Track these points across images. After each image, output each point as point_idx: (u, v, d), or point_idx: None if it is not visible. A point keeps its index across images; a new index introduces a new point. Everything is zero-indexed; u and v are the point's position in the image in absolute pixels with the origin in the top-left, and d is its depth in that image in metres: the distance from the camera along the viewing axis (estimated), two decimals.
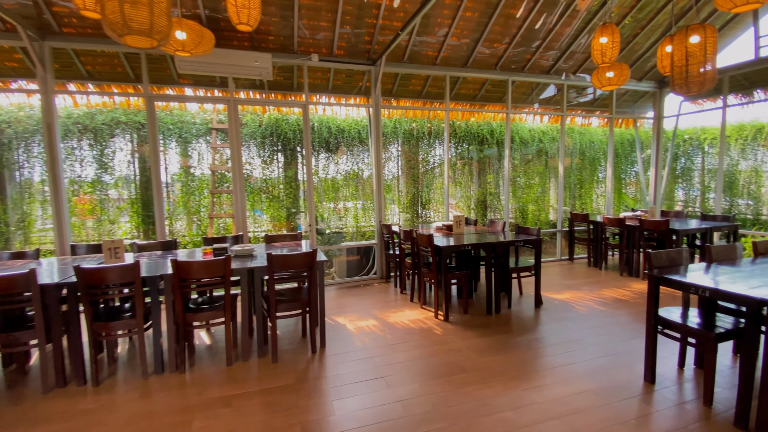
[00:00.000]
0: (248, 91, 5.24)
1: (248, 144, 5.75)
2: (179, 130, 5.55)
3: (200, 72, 4.38)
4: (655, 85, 6.97)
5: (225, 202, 5.66)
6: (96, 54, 4.47)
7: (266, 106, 5.57)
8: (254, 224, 5.93)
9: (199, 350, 3.21)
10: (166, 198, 5.54)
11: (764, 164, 7.59)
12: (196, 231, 5.72)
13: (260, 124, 5.84)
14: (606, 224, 5.66)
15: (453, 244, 3.75)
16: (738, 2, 2.67)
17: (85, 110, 5.11)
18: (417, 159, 6.74)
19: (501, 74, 5.86)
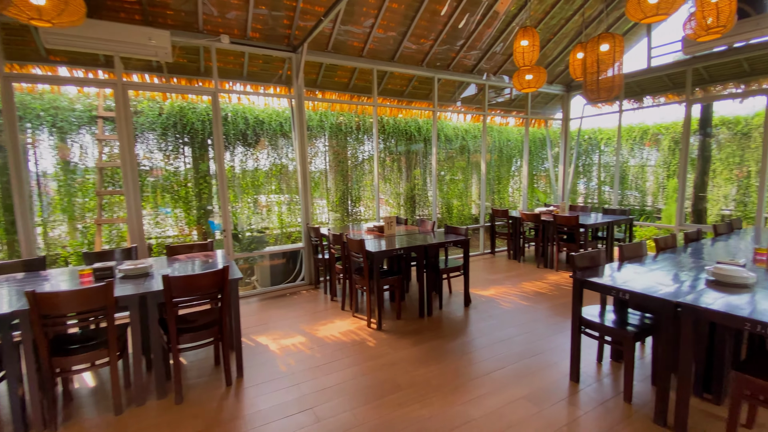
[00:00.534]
0: (143, 73, 4.43)
1: (145, 135, 4.91)
2: (52, 118, 4.52)
3: (75, 47, 3.54)
4: (563, 89, 7.55)
5: (119, 205, 4.78)
6: None
7: (165, 92, 4.78)
8: (158, 227, 5.13)
9: (80, 396, 2.58)
10: (38, 201, 4.51)
11: (649, 161, 8.74)
12: (81, 240, 4.76)
13: (161, 112, 5.02)
14: (523, 219, 5.98)
15: (385, 248, 3.56)
16: (648, 13, 2.83)
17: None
18: (345, 154, 6.45)
19: (427, 71, 5.81)
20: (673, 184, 8.03)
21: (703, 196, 7.43)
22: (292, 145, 5.54)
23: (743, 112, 7.18)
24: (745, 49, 5.17)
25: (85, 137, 4.66)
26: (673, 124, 8.25)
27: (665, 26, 6.64)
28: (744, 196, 7.20)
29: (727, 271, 2.34)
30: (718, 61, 5.55)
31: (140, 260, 3.11)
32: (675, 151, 8.19)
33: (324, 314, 3.98)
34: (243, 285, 4.98)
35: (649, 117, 9.13)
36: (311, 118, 6.00)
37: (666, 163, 8.36)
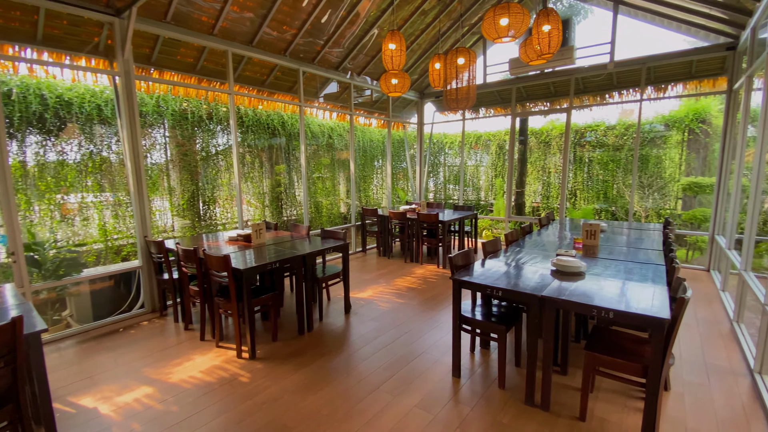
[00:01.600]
0: None
1: None
2: None
3: None
4: (418, 96, 8.15)
5: None
6: None
7: None
8: None
9: None
10: None
11: (482, 163, 10.26)
12: None
13: None
14: (392, 218, 6.21)
15: (256, 263, 3.08)
16: (501, 35, 3.15)
17: None
18: (194, 147, 5.46)
19: (291, 62, 5.38)
20: (500, 182, 9.67)
21: (522, 192, 9.16)
22: (117, 135, 4.34)
23: (544, 124, 9.12)
24: (552, 75, 6.50)
25: None
26: (498, 132, 9.93)
27: (496, 49, 7.82)
28: (546, 191, 9.17)
29: (564, 261, 2.80)
30: (533, 83, 6.84)
31: None
32: (500, 155, 9.87)
33: (178, 350, 3.23)
34: (49, 324, 3.66)
35: (481, 126, 10.72)
36: (144, 102, 4.84)
37: (494, 164, 10.01)
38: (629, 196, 8.19)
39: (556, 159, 8.99)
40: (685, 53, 5.45)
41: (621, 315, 1.99)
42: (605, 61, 5.91)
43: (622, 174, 8.28)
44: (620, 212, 8.24)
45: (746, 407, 2.37)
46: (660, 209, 8.06)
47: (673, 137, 7.91)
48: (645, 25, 5.82)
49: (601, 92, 6.54)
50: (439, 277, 5.26)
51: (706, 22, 4.97)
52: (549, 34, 3.47)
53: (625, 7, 5.67)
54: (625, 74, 6.09)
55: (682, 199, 7.92)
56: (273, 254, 3.41)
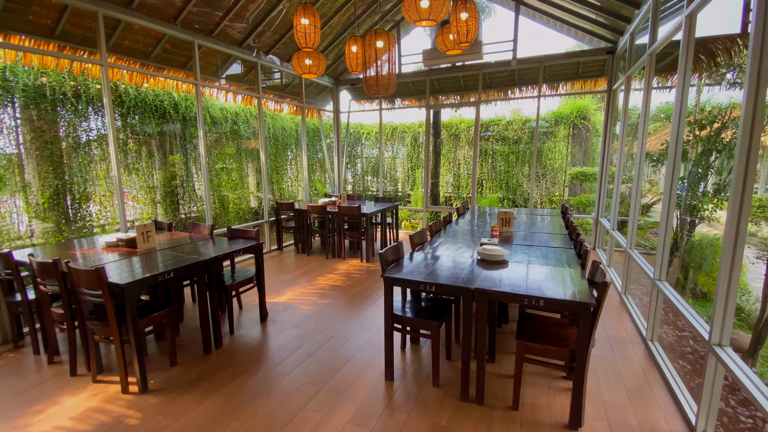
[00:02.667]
0: None
1: None
2: None
3: None
4: (332, 82, 7.78)
5: None
6: None
7: None
8: None
9: None
10: None
11: (397, 155, 10.34)
12: None
13: None
14: (310, 212, 5.82)
15: (142, 275, 2.49)
16: (423, 17, 3.00)
17: None
18: (56, 133, 4.37)
19: (184, 33, 4.59)
20: (418, 174, 9.87)
21: (437, 183, 9.47)
22: None
23: (452, 118, 9.51)
24: (463, 69, 6.71)
25: None
26: (412, 125, 10.09)
27: (409, 39, 7.82)
28: (457, 182, 9.62)
29: (489, 250, 2.81)
30: (445, 76, 6.99)
31: None
32: (415, 147, 10.06)
33: (39, 391, 2.48)
34: None
35: (396, 117, 10.77)
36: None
37: (410, 156, 10.17)
38: (527, 185, 9.02)
39: (464, 151, 9.47)
40: (572, 54, 6.05)
41: (551, 302, 2.00)
42: (509, 58, 6.28)
43: (520, 165, 9.06)
44: (519, 199, 9.03)
45: (647, 373, 2.65)
46: (551, 196, 9.02)
47: (561, 132, 8.88)
48: (542, 27, 6.31)
49: (504, 88, 6.97)
50: (363, 272, 5.07)
51: (591, 27, 5.56)
52: (467, 23, 3.44)
53: (525, 8, 6.07)
54: (525, 71, 6.57)
55: (569, 187, 8.98)
56: (167, 261, 2.82)
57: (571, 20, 5.72)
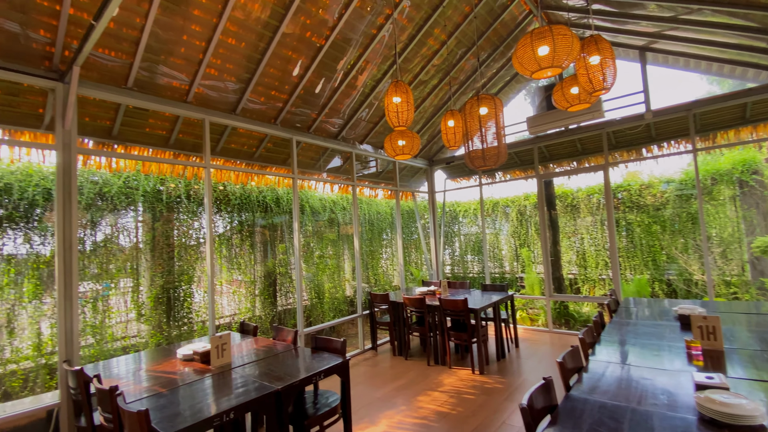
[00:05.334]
0: None
1: None
2: None
3: None
4: (426, 163, 7.47)
5: None
6: None
7: None
8: None
9: None
10: None
11: (501, 232, 9.22)
12: None
13: None
14: (407, 305, 5.02)
15: (195, 417, 1.91)
16: (544, 65, 2.32)
17: None
18: (170, 234, 4.59)
19: (283, 131, 4.71)
20: (527, 252, 8.52)
21: (558, 262, 7.95)
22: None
23: (570, 186, 8.24)
24: (578, 131, 5.76)
25: None
26: (516, 198, 9.06)
27: (507, 109, 7.29)
28: (582, 261, 7.95)
29: (722, 404, 1.59)
30: (556, 141, 6.08)
31: None
32: (522, 222, 8.87)
33: None
34: None
35: (497, 191, 9.92)
36: (108, 183, 4.09)
37: (516, 233, 8.96)
38: (684, 262, 6.94)
39: (586, 223, 7.95)
40: (734, 95, 4.69)
41: None
42: (641, 111, 5.17)
43: (668, 236, 7.12)
44: (679, 282, 6.91)
45: None
46: (725, 276, 6.73)
47: (723, 192, 6.89)
48: (680, 73, 5.18)
49: (636, 146, 5.72)
50: (477, 390, 3.89)
51: (759, 58, 4.27)
52: (601, 66, 2.66)
53: (654, 54, 5.08)
54: (666, 124, 5.31)
55: (751, 263, 6.62)
56: (238, 386, 2.24)
57: (722, 56, 4.52)
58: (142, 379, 2.53)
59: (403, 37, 4.52)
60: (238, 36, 3.54)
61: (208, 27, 3.32)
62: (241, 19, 3.41)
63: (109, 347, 4.05)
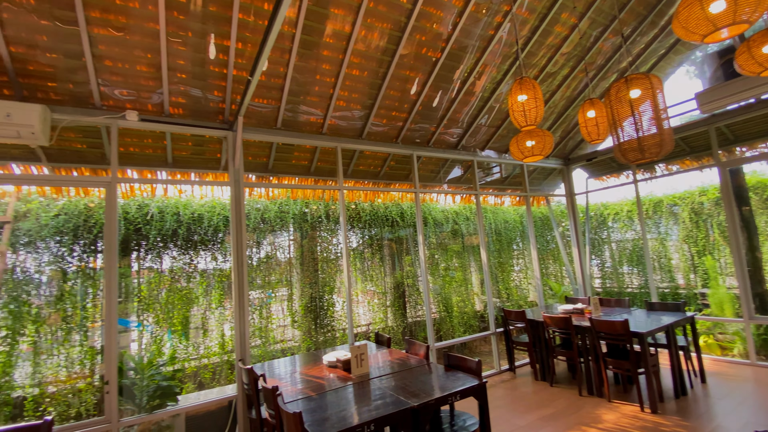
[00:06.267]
0: (24, 164, 3.32)
1: (33, 243, 3.66)
2: None
3: None
4: (561, 162, 6.69)
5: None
6: None
7: (33, 185, 3.63)
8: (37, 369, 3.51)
9: None
10: None
11: (670, 236, 7.54)
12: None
13: (56, 213, 3.82)
14: (548, 324, 4.49)
15: (345, 424, 2.02)
16: (724, 23, 1.81)
17: None
18: (314, 250, 5.18)
19: (404, 148, 4.86)
20: (711, 262, 6.74)
21: (758, 274, 6.07)
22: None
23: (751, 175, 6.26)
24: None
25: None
26: (687, 194, 7.31)
27: (669, 85, 6.04)
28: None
29: None
30: (744, 117, 4.71)
31: None
32: (698, 223, 7.09)
33: None
34: None
35: (658, 188, 8.21)
36: (267, 209, 4.86)
37: (690, 236, 7.20)
38: None
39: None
40: None
41: None
42: None
43: None
44: None
45: None
46: None
47: None
48: None
49: None
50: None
51: None
52: None
53: None
54: None
55: None
56: (376, 398, 2.32)
57: None
58: (296, 381, 2.84)
59: (524, 31, 4.19)
60: (361, 66, 3.82)
61: (335, 64, 3.68)
62: (363, 50, 3.68)
63: (271, 349, 4.74)
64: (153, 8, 2.79)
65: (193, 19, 2.95)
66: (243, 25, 3.11)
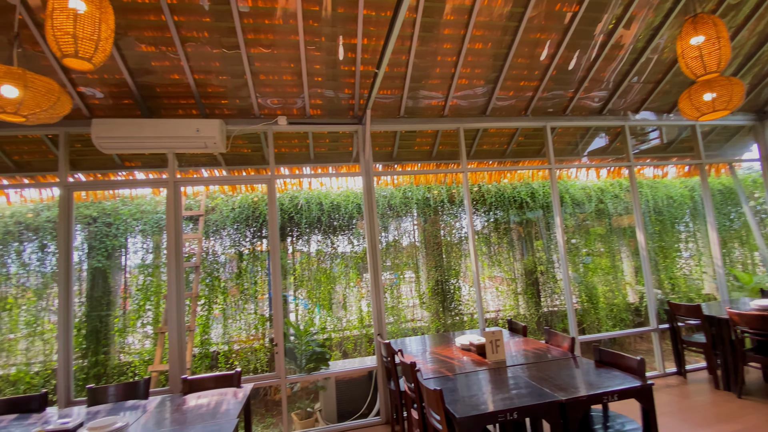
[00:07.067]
0: (210, 168, 4.19)
1: (219, 231, 4.64)
2: (137, 222, 4.55)
3: (125, 150, 3.37)
4: (752, 118, 5.17)
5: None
6: (15, 141, 3.66)
7: (216, 185, 4.50)
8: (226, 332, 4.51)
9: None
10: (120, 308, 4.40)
11: None
12: (150, 346, 4.40)
13: (233, 207, 4.73)
14: (736, 323, 3.58)
15: (480, 408, 2.01)
16: None
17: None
18: (438, 234, 5.23)
19: (535, 120, 4.43)
20: None
21: None
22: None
23: None
24: None
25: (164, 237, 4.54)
26: None
27: None
28: None
29: None
30: None
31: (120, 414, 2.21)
32: None
33: None
34: (303, 417, 3.81)
35: None
36: (393, 196, 5.08)
37: None
38: None
39: None
40: None
41: None
42: None
43: None
44: None
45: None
46: None
47: None
48: None
49: None
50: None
51: None
52: None
53: None
54: None
55: None
56: (516, 386, 2.23)
57: None
58: (429, 360, 2.93)
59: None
60: (484, 38, 3.59)
61: (456, 41, 3.55)
62: (485, 20, 3.45)
63: (402, 327, 5.00)
64: (293, 21, 3.14)
65: (324, 24, 3.21)
66: (367, 20, 3.24)
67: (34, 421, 2.28)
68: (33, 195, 4.28)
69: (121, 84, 3.30)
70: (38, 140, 3.66)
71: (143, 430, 2.08)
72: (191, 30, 3.07)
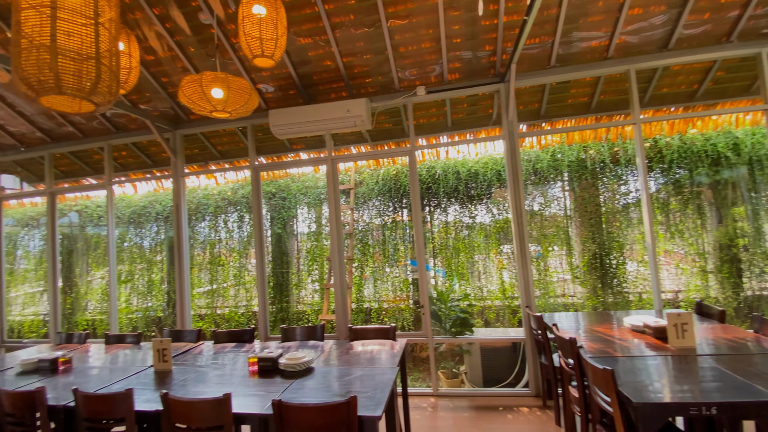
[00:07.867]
0: (357, 145, 4.58)
1: (366, 202, 5.10)
2: (303, 196, 5.36)
3: (292, 134, 3.94)
4: None
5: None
6: (218, 135, 4.67)
7: (363, 160, 4.83)
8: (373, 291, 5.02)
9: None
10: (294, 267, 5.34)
11: None
12: (318, 299, 5.24)
13: (377, 180, 5.10)
14: None
15: (666, 397, 1.73)
16: None
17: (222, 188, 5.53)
18: (596, 200, 4.60)
19: (743, 47, 3.34)
20: None
21: None
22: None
23: None
24: None
25: (326, 209, 5.24)
26: None
27: None
28: None
29: None
30: None
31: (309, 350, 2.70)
32: None
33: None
34: (449, 377, 3.99)
35: None
36: (539, 159, 4.65)
37: None
38: None
39: None
40: None
41: None
42: None
43: None
44: None
45: None
46: None
47: None
48: None
49: None
50: None
51: None
52: None
53: None
54: None
55: None
56: (708, 378, 1.85)
57: None
58: (588, 337, 2.65)
59: None
60: None
61: None
62: None
63: (551, 302, 4.65)
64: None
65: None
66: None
67: (246, 350, 2.99)
68: (230, 176, 5.43)
69: (287, 77, 3.83)
70: (233, 132, 4.59)
71: (324, 364, 2.52)
72: (339, 15, 3.31)
